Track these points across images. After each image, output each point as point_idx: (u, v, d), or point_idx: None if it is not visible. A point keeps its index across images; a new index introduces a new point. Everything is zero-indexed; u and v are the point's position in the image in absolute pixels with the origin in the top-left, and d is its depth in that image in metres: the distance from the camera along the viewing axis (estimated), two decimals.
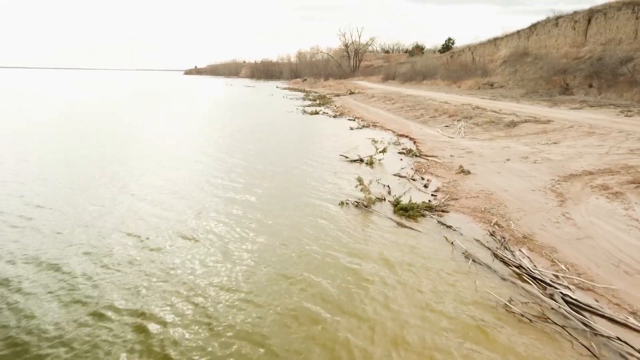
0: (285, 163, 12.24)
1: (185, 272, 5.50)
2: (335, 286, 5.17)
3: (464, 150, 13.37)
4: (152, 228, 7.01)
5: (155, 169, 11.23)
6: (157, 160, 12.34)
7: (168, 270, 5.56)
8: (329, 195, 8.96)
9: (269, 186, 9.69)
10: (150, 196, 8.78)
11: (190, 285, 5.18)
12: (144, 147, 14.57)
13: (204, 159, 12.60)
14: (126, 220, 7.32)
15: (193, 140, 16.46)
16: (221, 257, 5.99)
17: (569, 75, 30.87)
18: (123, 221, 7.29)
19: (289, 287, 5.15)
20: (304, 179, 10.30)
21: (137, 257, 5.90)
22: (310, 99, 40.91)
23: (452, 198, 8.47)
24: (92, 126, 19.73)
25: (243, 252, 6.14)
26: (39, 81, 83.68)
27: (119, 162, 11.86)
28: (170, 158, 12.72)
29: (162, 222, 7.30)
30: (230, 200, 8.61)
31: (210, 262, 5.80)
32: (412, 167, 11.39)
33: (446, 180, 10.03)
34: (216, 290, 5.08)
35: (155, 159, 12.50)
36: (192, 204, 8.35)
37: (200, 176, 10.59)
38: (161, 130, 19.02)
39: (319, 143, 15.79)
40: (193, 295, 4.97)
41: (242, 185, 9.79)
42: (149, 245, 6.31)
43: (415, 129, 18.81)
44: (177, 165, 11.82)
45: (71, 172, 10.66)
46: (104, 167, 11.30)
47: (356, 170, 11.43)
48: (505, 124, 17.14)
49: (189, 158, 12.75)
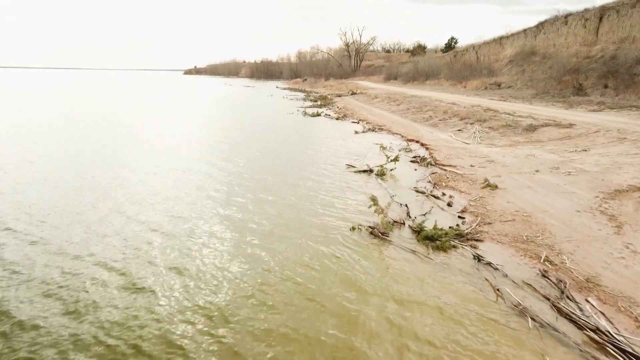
0: (286, 173, 10.91)
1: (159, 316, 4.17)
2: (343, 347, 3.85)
3: (484, 158, 12.02)
4: (134, 257, 5.67)
5: (146, 180, 9.89)
6: (146, 173, 10.99)
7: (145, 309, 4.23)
8: (337, 216, 7.62)
9: (268, 203, 8.36)
10: (137, 214, 7.44)
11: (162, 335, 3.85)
12: (132, 158, 13.23)
13: (200, 168, 11.26)
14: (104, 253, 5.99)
15: (187, 145, 15.10)
16: (199, 306, 4.66)
17: (581, 75, 29.52)
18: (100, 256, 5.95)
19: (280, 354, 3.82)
20: (309, 195, 8.96)
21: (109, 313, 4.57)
22: (311, 100, 39.57)
23: (484, 222, 7.13)
24: (82, 132, 18.38)
25: (224, 301, 4.80)
26: (36, 81, 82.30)
27: (110, 174, 10.53)
28: (163, 167, 11.38)
29: (145, 250, 5.96)
30: (224, 221, 7.28)
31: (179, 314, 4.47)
32: (430, 180, 10.04)
33: (471, 196, 8.69)
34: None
35: (145, 171, 11.14)
36: (182, 225, 7.02)
37: (193, 190, 9.25)
38: (153, 135, 17.68)
39: (322, 149, 14.45)
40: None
41: (238, 202, 8.45)
42: (128, 284, 4.98)
43: (425, 133, 17.47)
44: (169, 174, 10.49)
45: (55, 187, 9.32)
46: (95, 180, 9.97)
47: (366, 182, 10.09)
48: (524, 128, 15.81)
49: (183, 166, 11.41)
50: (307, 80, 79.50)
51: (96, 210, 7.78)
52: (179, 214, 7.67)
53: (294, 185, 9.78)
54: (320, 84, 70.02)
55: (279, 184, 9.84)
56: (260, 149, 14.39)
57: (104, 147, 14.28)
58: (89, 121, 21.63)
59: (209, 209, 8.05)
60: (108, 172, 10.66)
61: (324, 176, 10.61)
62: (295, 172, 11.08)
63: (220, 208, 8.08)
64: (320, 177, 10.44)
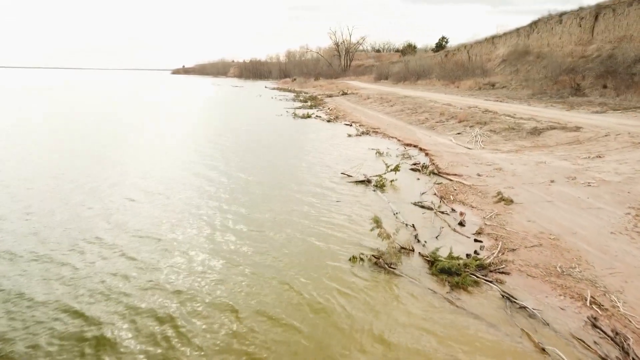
0: (273, 185, 9.75)
1: None
2: None
3: (490, 166, 11.01)
4: (100, 301, 4.48)
5: (123, 210, 8.66)
6: (119, 200, 9.76)
7: None
8: (333, 241, 6.50)
9: (253, 222, 7.21)
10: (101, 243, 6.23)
11: None
12: (104, 181, 11.95)
13: (174, 183, 10.05)
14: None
15: (167, 159, 13.82)
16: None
17: (578, 75, 28.83)
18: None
19: None
20: (301, 213, 7.82)
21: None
22: (300, 100, 38.40)
23: (507, 247, 6.06)
24: (48, 142, 17.00)
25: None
26: (29, 81, 79.78)
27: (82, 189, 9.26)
28: (136, 188, 10.14)
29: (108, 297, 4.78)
30: (194, 249, 6.11)
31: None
32: (436, 192, 8.97)
33: (485, 213, 7.63)
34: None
35: (117, 198, 9.91)
36: (148, 259, 5.84)
37: (173, 215, 8.05)
38: (123, 152, 16.37)
39: (314, 156, 13.31)
40: None
41: (216, 220, 7.29)
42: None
43: (422, 136, 16.44)
44: (149, 201, 9.26)
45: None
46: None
47: (364, 195, 8.98)
48: (528, 132, 14.86)
49: (160, 188, 10.17)
50: (296, 80, 78.26)
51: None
52: (156, 238, 6.49)
53: (283, 201, 8.63)
54: (310, 83, 68.86)
55: (267, 200, 8.69)
56: (246, 158, 13.20)
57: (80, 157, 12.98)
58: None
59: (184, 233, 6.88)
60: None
61: (318, 188, 9.47)
62: (285, 183, 9.93)
63: (203, 227, 6.92)
64: (313, 190, 9.30)
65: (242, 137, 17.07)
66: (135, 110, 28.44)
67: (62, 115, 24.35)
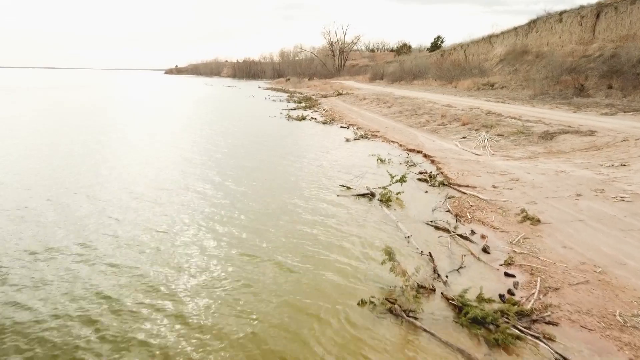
0: (267, 201, 8.62)
1: None
2: None
3: (505, 176, 9.96)
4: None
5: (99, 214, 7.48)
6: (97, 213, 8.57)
7: None
8: (335, 275, 5.39)
9: (241, 247, 6.09)
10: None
11: None
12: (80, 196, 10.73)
13: (155, 199, 8.89)
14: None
15: (151, 169, 12.62)
16: None
17: (581, 75, 27.95)
18: None
19: None
20: (294, 237, 6.70)
21: None
22: (295, 101, 37.27)
23: (547, 285, 4.99)
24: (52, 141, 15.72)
25: None
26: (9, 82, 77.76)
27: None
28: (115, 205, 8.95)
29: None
30: (174, 288, 4.98)
31: None
32: (450, 209, 7.88)
33: (510, 235, 6.57)
34: None
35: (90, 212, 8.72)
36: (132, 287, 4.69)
37: (155, 236, 6.89)
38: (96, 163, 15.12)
39: (310, 163, 12.19)
40: None
41: (201, 248, 6.16)
42: None
43: (425, 140, 15.38)
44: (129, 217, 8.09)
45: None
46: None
47: (368, 212, 7.88)
48: (539, 136, 13.86)
49: (142, 207, 9.00)
50: (290, 80, 77.09)
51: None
52: (136, 267, 5.35)
53: (277, 221, 7.50)
54: (304, 84, 67.72)
55: (256, 220, 7.56)
56: (236, 165, 12.07)
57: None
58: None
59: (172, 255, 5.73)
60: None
61: (315, 204, 8.36)
62: (277, 198, 8.80)
63: (187, 245, 5.78)
64: (310, 207, 8.17)
65: (231, 143, 15.90)
66: (129, 119, 27.13)
67: (46, 118, 23.03)
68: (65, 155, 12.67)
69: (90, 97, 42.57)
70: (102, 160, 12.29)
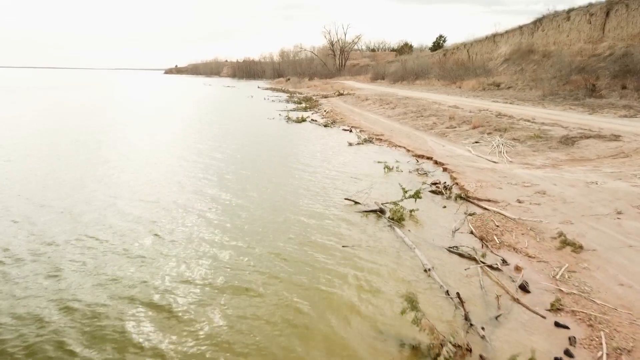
0: (255, 220, 7.55)
1: None
2: None
3: (529, 187, 8.87)
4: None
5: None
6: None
7: None
8: (341, 328, 4.32)
9: (228, 290, 5.02)
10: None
11: None
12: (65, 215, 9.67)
13: (142, 212, 7.83)
14: None
15: (142, 180, 11.51)
16: None
17: (591, 75, 26.85)
18: None
19: None
20: (291, 268, 5.63)
21: None
22: (294, 102, 36.18)
23: (614, 344, 3.91)
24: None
25: None
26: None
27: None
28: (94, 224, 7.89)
29: None
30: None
31: None
32: (473, 230, 6.79)
33: (550, 266, 5.48)
34: None
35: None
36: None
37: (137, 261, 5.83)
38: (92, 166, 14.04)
39: (310, 171, 11.10)
40: None
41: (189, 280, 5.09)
42: None
43: (435, 145, 14.29)
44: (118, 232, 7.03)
45: None
46: None
47: (378, 234, 6.79)
48: (558, 141, 12.78)
49: (122, 226, 7.94)
50: (290, 80, 76.01)
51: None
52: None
53: (270, 246, 6.43)
54: (304, 83, 66.64)
55: (244, 248, 6.49)
56: (225, 178, 11.00)
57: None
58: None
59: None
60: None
61: (315, 222, 7.28)
62: (273, 216, 7.73)
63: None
64: (308, 226, 7.10)
65: (225, 148, 14.81)
66: (120, 121, 26.09)
67: (46, 118, 21.96)
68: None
69: (90, 97, 41.90)
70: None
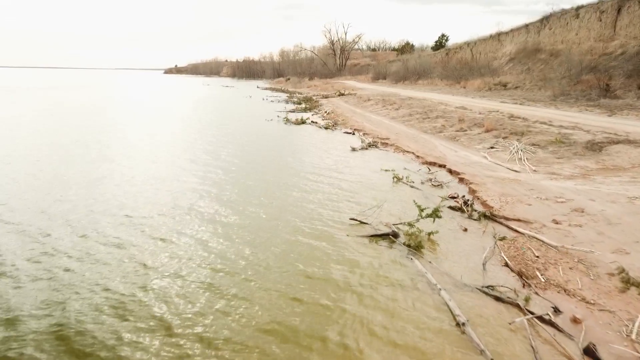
0: (248, 248, 6.36)
1: None
2: None
3: (562, 203, 7.66)
4: None
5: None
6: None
7: None
8: None
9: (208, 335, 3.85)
10: None
11: None
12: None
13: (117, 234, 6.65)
14: None
15: (114, 189, 10.32)
16: None
17: (603, 75, 25.64)
18: None
19: None
20: (278, 322, 4.44)
21: None
22: (294, 102, 34.96)
23: None
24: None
25: None
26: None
27: None
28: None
29: None
30: None
31: None
32: (508, 262, 5.57)
33: (616, 316, 4.30)
34: None
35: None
36: None
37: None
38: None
39: (309, 183, 9.88)
40: None
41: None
42: None
43: (446, 150, 13.09)
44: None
45: None
46: None
47: (392, 267, 5.59)
48: (583, 146, 11.59)
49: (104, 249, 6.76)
50: (290, 80, 74.80)
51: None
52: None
53: (257, 282, 5.24)
54: (304, 83, 65.44)
55: (235, 283, 5.30)
56: (210, 193, 9.81)
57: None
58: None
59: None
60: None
61: (315, 249, 6.08)
62: (264, 241, 6.53)
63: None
64: (306, 255, 5.90)
65: (217, 154, 13.61)
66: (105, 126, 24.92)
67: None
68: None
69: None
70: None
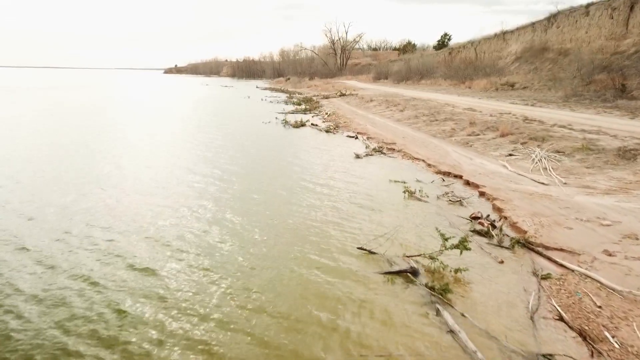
0: (226, 302, 5.16)
1: None
2: None
3: (607, 225, 6.44)
4: None
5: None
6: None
7: None
8: None
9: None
10: None
11: None
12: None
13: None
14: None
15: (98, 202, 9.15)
16: None
17: (616, 74, 24.40)
18: None
19: None
20: None
21: None
22: (294, 103, 33.73)
23: None
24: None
25: None
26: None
27: None
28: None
29: None
30: None
31: None
32: (564, 316, 4.36)
33: None
34: None
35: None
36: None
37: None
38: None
39: (308, 199, 8.62)
40: None
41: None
42: None
43: (460, 158, 11.87)
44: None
45: None
46: None
47: (410, 318, 4.39)
48: (615, 154, 10.37)
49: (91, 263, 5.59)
50: (290, 80, 73.58)
51: None
52: None
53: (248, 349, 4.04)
54: (305, 83, 64.22)
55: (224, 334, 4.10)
56: (205, 216, 8.59)
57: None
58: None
59: None
60: None
61: (314, 296, 4.88)
62: (245, 288, 5.33)
63: None
64: (306, 307, 4.70)
65: (207, 163, 12.41)
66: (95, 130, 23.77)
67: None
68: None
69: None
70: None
